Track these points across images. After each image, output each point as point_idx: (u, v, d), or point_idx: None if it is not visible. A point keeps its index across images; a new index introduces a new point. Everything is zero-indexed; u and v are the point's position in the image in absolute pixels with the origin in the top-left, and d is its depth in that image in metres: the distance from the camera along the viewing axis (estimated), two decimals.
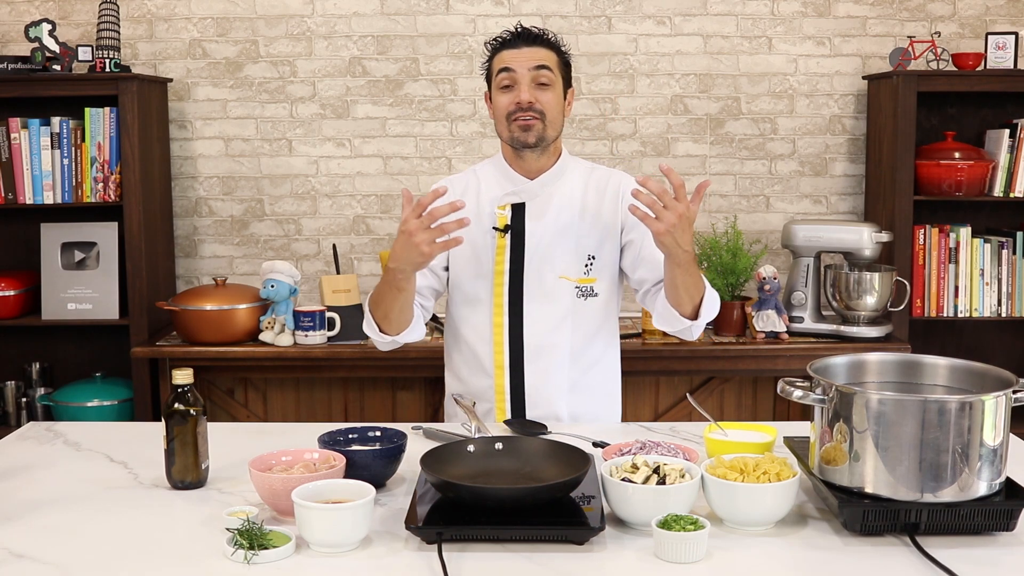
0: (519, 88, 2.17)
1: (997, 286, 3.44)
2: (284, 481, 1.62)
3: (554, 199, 2.25)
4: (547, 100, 2.18)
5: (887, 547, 1.54)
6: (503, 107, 2.19)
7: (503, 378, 2.24)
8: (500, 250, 2.23)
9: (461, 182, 2.31)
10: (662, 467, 1.64)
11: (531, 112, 2.16)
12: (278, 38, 3.60)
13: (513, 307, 2.23)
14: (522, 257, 2.22)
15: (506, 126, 2.20)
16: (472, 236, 2.23)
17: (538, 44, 2.20)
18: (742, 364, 3.23)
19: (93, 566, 1.50)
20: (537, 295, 2.22)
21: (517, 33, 2.22)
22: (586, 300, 2.24)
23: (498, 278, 2.23)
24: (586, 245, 2.24)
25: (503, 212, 2.24)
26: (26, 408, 3.52)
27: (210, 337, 3.17)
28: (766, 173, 3.66)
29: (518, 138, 2.19)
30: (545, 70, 2.18)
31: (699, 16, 3.59)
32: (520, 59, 2.18)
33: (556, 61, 2.21)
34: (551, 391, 2.24)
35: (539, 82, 2.18)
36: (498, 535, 1.55)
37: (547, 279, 2.22)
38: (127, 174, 3.29)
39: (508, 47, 2.21)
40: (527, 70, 2.17)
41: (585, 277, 2.24)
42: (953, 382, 1.73)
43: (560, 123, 2.23)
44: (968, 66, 3.37)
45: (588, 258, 2.24)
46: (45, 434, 2.15)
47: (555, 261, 2.23)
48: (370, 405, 3.34)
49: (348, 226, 3.68)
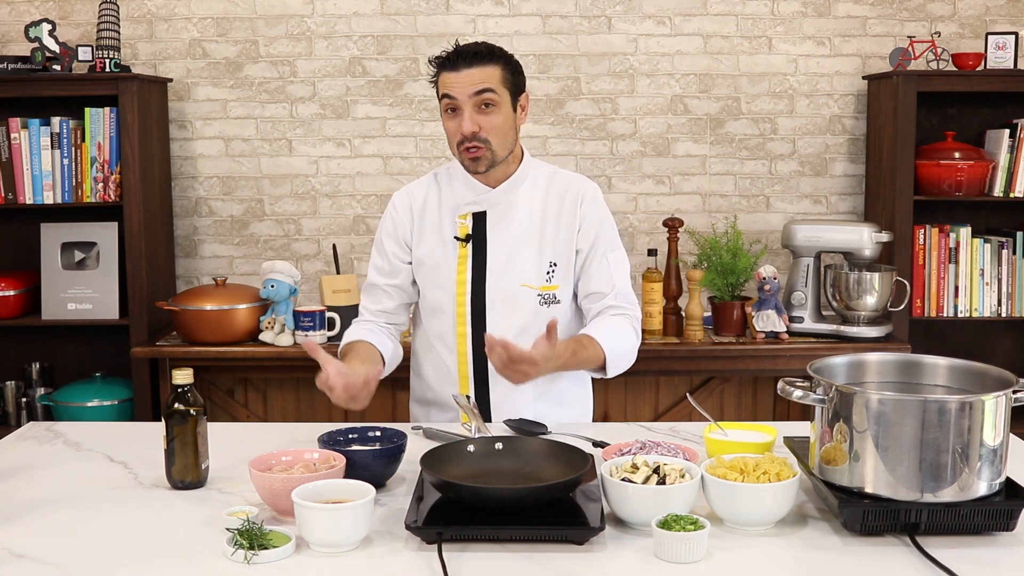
0: (462, 116, 2.12)
1: (997, 286, 3.44)
2: (284, 481, 1.62)
3: (515, 207, 2.23)
4: (491, 124, 2.13)
5: (887, 547, 1.54)
6: (451, 133, 2.16)
7: (468, 388, 2.24)
8: (462, 259, 2.22)
9: (421, 190, 2.29)
10: (662, 467, 1.64)
11: (476, 142, 2.13)
12: (278, 38, 3.60)
13: (476, 316, 2.22)
14: (484, 266, 2.21)
15: (457, 151, 2.18)
16: (433, 246, 2.24)
17: (479, 63, 2.11)
18: (742, 364, 3.23)
19: (93, 566, 1.50)
20: (499, 303, 2.21)
21: (456, 53, 2.14)
22: (549, 307, 2.22)
23: (460, 287, 2.22)
24: (548, 253, 2.23)
25: (464, 221, 2.23)
26: (26, 408, 3.52)
27: (210, 337, 3.17)
28: (766, 173, 3.66)
29: (468, 167, 2.18)
30: (488, 93, 2.11)
31: (699, 16, 3.59)
32: (460, 84, 2.11)
33: (500, 77, 2.13)
34: (516, 399, 2.22)
35: (482, 105, 2.12)
36: (498, 535, 1.55)
37: (509, 287, 2.21)
38: (127, 174, 3.29)
39: (448, 68, 2.13)
40: (468, 96, 2.11)
41: (547, 285, 2.23)
42: (953, 382, 1.73)
43: (512, 139, 2.19)
44: (968, 66, 3.37)
45: (550, 265, 2.23)
46: (45, 434, 2.15)
47: (517, 269, 2.21)
48: (370, 405, 3.31)
49: (348, 226, 3.68)
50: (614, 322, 2.21)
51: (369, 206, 3.67)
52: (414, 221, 2.27)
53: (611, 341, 2.17)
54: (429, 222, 2.26)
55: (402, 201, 2.30)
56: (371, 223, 3.67)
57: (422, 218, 2.27)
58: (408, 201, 2.29)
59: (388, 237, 2.29)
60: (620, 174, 3.64)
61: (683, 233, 3.46)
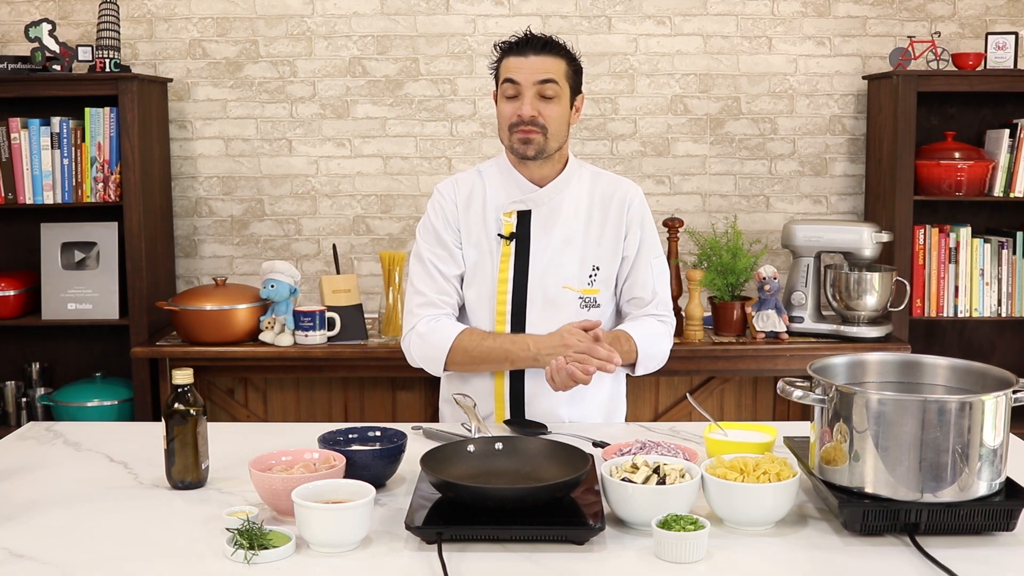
0: (523, 100, 2.13)
1: (997, 286, 3.44)
2: (284, 481, 1.62)
3: (561, 208, 2.23)
4: (550, 114, 2.14)
5: (887, 547, 1.54)
6: (506, 116, 2.17)
7: (503, 385, 2.23)
8: (505, 257, 2.21)
9: (467, 183, 2.27)
10: (662, 467, 1.64)
11: (533, 126, 2.13)
12: (278, 38, 3.60)
13: (516, 315, 2.21)
14: (526, 266, 2.21)
15: (508, 135, 2.18)
16: (478, 241, 2.23)
17: (546, 52, 2.14)
18: (742, 364, 3.23)
19: (93, 566, 1.50)
20: (540, 304, 2.21)
21: (526, 39, 2.16)
22: (588, 311, 2.23)
23: (501, 285, 2.21)
24: (591, 256, 2.23)
25: (509, 219, 2.22)
26: (26, 408, 3.52)
27: (210, 337, 3.17)
28: (766, 173, 3.66)
29: (518, 149, 2.17)
30: (550, 83, 2.13)
31: (699, 16, 3.59)
32: (525, 70, 2.13)
33: (564, 70, 2.16)
34: (551, 399, 2.22)
35: (544, 95, 2.14)
36: (498, 535, 1.55)
37: (551, 289, 2.21)
38: (127, 174, 3.29)
39: (515, 53, 2.15)
40: (532, 83, 2.13)
41: (589, 288, 2.23)
42: (953, 382, 1.73)
43: (564, 134, 2.19)
44: (968, 66, 3.37)
45: (592, 269, 2.23)
46: (45, 434, 2.16)
47: (559, 271, 2.21)
48: (370, 405, 3.34)
49: (348, 226, 3.68)
50: (652, 324, 2.25)
51: (369, 206, 3.67)
52: (459, 212, 2.25)
53: (646, 342, 2.21)
54: (474, 217, 2.24)
55: (448, 191, 2.27)
56: (371, 223, 3.67)
57: (467, 211, 2.25)
58: (454, 192, 2.27)
59: (442, 226, 2.24)
60: (620, 174, 3.60)
61: (683, 233, 3.46)
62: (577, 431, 2.10)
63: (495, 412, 2.25)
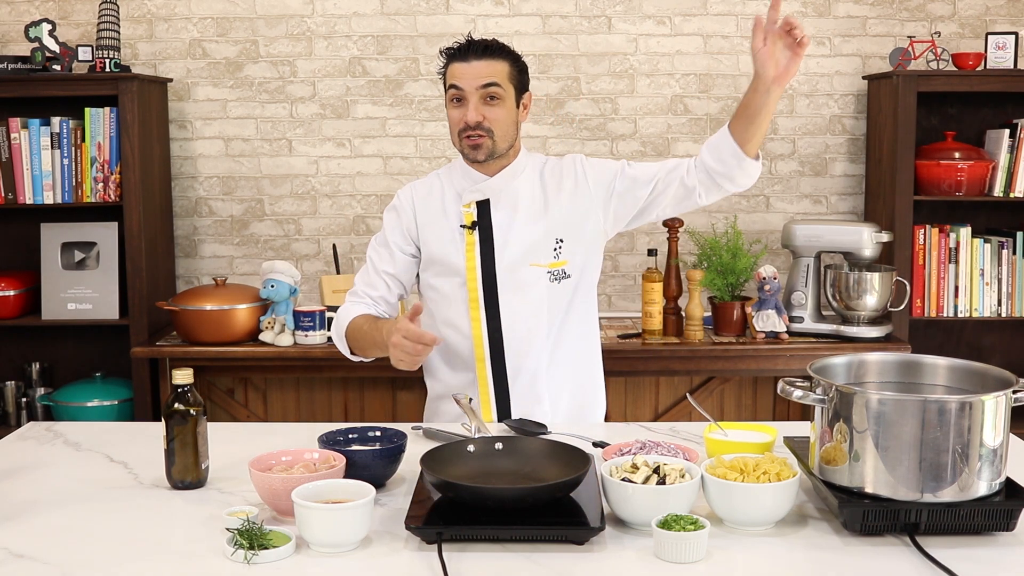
0: (467, 106, 2.20)
1: (997, 286, 3.44)
2: (284, 481, 1.62)
3: (518, 194, 2.29)
4: (496, 116, 2.21)
5: (887, 547, 1.54)
6: (454, 122, 2.24)
7: (484, 369, 2.29)
8: (470, 247, 2.28)
9: (424, 186, 2.36)
10: (662, 467, 1.64)
11: (480, 130, 2.20)
12: (278, 38, 3.60)
13: (488, 300, 2.27)
14: (492, 251, 2.27)
15: (458, 140, 2.25)
16: (441, 236, 2.30)
17: (488, 56, 2.20)
18: (742, 364, 3.23)
19: (93, 566, 1.50)
20: (511, 286, 2.27)
21: (468, 44, 2.22)
22: (560, 283, 2.29)
23: (470, 274, 2.27)
24: (553, 229, 2.28)
25: (469, 210, 2.29)
26: (26, 408, 3.52)
27: (210, 337, 3.17)
28: (766, 173, 3.66)
29: (468, 154, 2.25)
30: (494, 87, 2.20)
31: (699, 16, 3.59)
32: (468, 76, 2.19)
33: (507, 72, 2.22)
34: (532, 366, 2.28)
35: (488, 98, 2.20)
36: (498, 535, 1.55)
37: (518, 269, 2.27)
38: (127, 174, 3.29)
39: (458, 59, 2.21)
40: (475, 88, 2.19)
41: (555, 261, 2.28)
42: (953, 382, 1.73)
43: (513, 134, 2.26)
44: (968, 66, 3.37)
45: (556, 242, 2.28)
46: (45, 434, 2.15)
47: (524, 250, 2.27)
48: (370, 405, 3.34)
49: (348, 226, 3.68)
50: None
51: (369, 206, 3.67)
52: (417, 213, 2.33)
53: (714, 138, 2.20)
54: (434, 214, 2.32)
55: (406, 195, 2.37)
56: (371, 223, 3.67)
57: (426, 209, 2.33)
58: (411, 195, 2.36)
59: (392, 228, 2.35)
60: None
61: (683, 233, 3.46)
62: (577, 431, 2.10)
63: (479, 397, 2.30)
